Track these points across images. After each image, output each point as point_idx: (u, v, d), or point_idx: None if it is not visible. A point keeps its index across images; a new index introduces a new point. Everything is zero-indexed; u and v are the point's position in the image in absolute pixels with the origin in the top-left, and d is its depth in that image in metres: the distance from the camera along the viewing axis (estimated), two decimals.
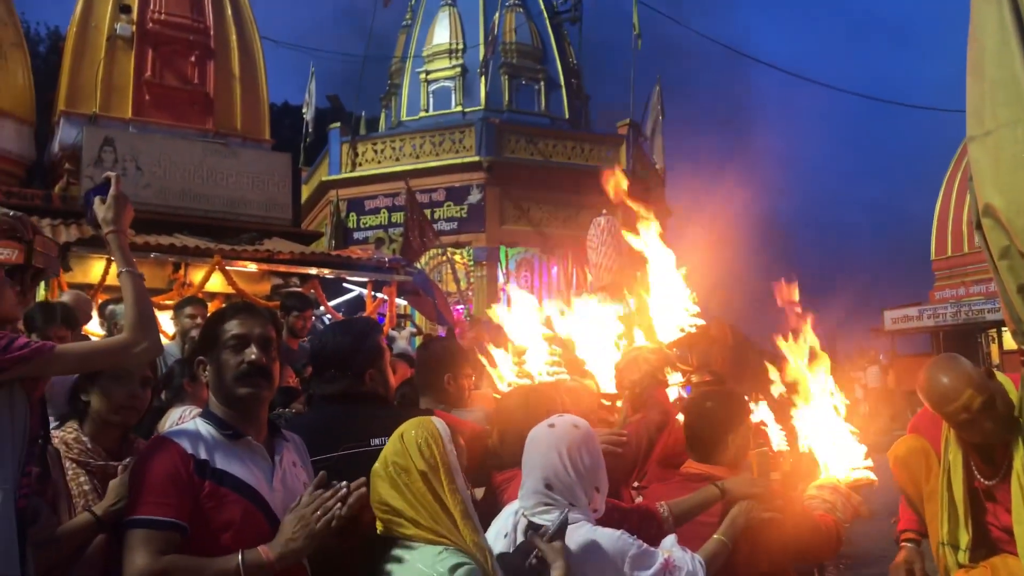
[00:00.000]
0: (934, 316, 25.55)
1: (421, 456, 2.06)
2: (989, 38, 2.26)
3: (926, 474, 2.85)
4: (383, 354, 2.65)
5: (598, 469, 2.36)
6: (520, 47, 22.72)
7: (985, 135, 2.24)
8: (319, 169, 22.65)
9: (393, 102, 23.94)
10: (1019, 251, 2.15)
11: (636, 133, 21.93)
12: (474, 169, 20.05)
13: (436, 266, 19.05)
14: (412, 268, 10.93)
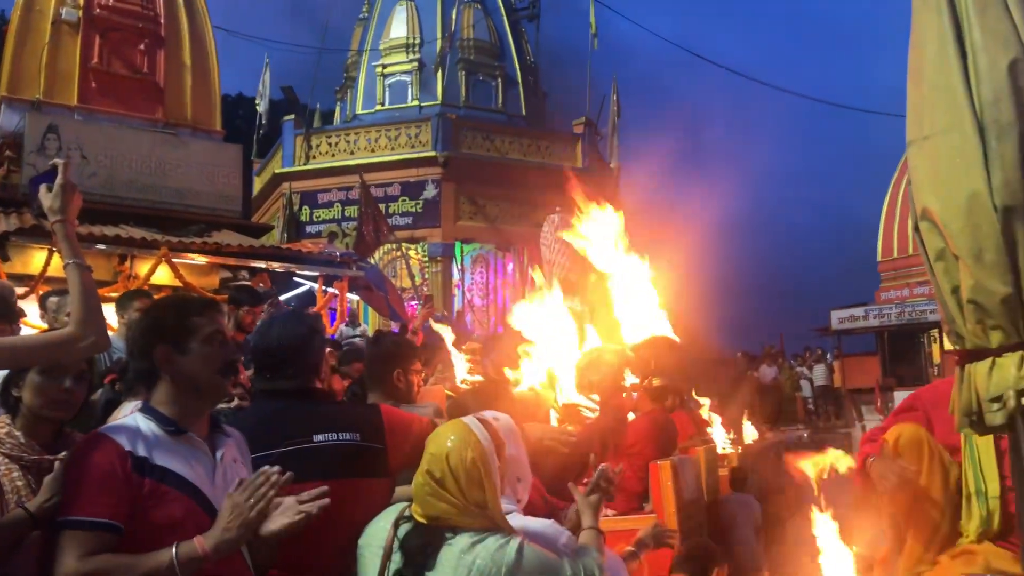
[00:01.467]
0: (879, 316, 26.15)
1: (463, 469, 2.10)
2: (929, 45, 2.31)
3: (917, 466, 2.81)
4: (325, 352, 2.63)
5: (519, 461, 2.40)
6: (477, 43, 22.68)
7: (924, 140, 2.29)
8: (272, 161, 22.37)
9: (348, 95, 23.73)
10: (954, 254, 2.20)
11: (592, 132, 22.05)
12: (430, 164, 19.97)
13: (390, 261, 18.95)
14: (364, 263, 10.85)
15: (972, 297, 2.17)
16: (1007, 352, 2.13)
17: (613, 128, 23.16)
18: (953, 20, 2.26)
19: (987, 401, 2.15)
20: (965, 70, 2.22)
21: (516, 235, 19.83)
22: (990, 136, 2.15)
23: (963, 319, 2.22)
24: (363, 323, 15.89)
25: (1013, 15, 2.22)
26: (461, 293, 19.93)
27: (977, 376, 2.19)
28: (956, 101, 2.21)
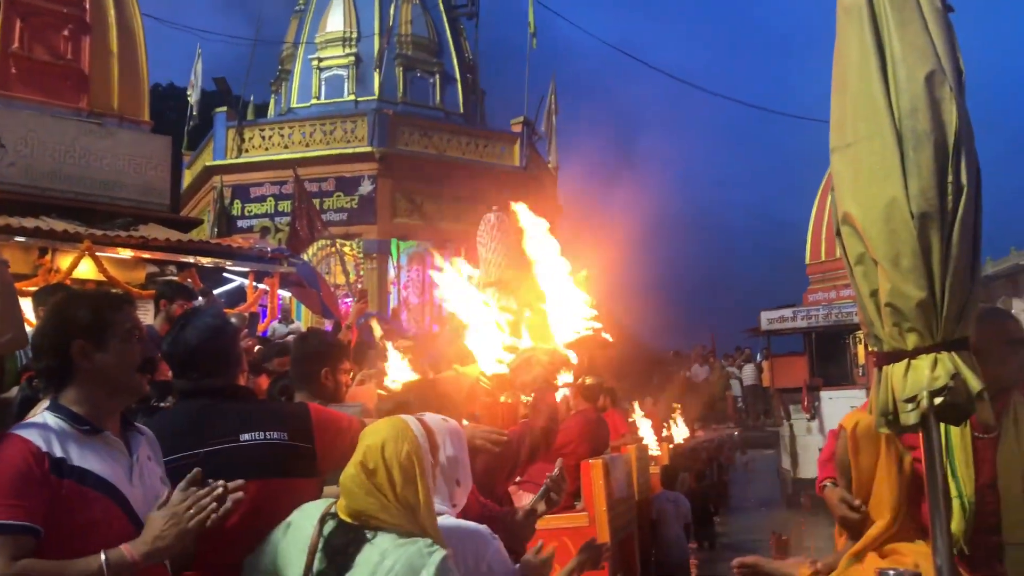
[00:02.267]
0: (807, 318, 26.82)
1: (396, 463, 2.02)
2: (852, 56, 2.38)
3: (874, 454, 2.85)
4: (241, 346, 2.59)
5: (461, 464, 2.38)
6: (416, 39, 22.54)
7: (846, 147, 2.35)
8: (203, 154, 21.87)
9: (283, 88, 23.34)
10: (873, 258, 2.27)
11: (530, 131, 22.12)
12: (366, 160, 19.77)
13: (324, 257, 18.70)
14: (296, 259, 10.68)
15: (889, 301, 2.23)
16: (921, 354, 2.21)
17: (551, 128, 23.28)
18: (875, 32, 2.33)
19: (902, 401, 2.22)
20: (885, 81, 2.29)
21: (454, 233, 19.77)
22: (907, 145, 2.22)
23: (881, 322, 2.29)
24: (296, 320, 15.65)
25: (931, 30, 2.31)
26: (397, 291, 19.79)
27: (893, 377, 2.25)
28: (876, 110, 2.27)
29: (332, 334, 9.39)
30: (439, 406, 2.57)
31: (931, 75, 2.25)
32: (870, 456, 2.83)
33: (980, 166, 2.31)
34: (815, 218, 26.21)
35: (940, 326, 2.21)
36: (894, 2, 2.33)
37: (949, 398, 2.17)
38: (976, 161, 2.29)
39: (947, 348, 2.20)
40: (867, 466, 2.83)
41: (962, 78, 2.33)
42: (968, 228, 2.23)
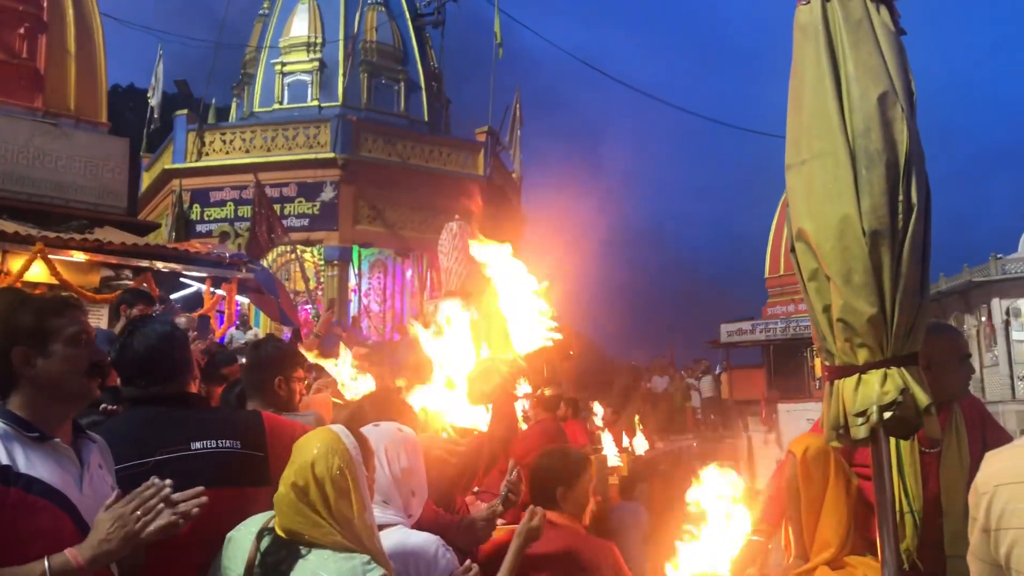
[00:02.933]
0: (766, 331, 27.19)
1: (329, 478, 1.96)
2: (808, 73, 2.41)
3: (823, 479, 2.88)
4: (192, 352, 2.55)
5: (415, 475, 2.36)
6: (381, 46, 22.46)
7: (801, 164, 2.39)
8: (162, 157, 21.54)
9: (246, 92, 23.10)
10: (826, 274, 2.30)
11: (494, 141, 22.14)
12: (328, 166, 19.62)
13: (284, 264, 18.52)
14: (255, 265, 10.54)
15: (841, 316, 2.27)
16: (872, 369, 2.24)
17: (515, 138, 23.33)
18: (830, 52, 2.37)
19: (853, 415, 2.25)
20: (839, 100, 2.33)
21: (416, 241, 19.70)
22: (860, 164, 2.27)
23: (833, 337, 2.32)
24: (255, 326, 15.46)
25: (883, 51, 2.35)
26: (358, 298, 19.65)
27: (844, 391, 2.29)
28: (831, 129, 2.31)
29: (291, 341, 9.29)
30: (395, 414, 2.55)
31: (884, 96, 2.30)
32: (820, 481, 2.88)
33: (931, 185, 2.36)
34: (774, 233, 26.60)
35: (890, 342, 2.25)
36: (849, 23, 2.37)
37: (898, 412, 2.21)
38: (926, 180, 2.34)
39: (897, 363, 2.24)
40: (816, 491, 2.88)
41: (913, 99, 2.38)
42: (918, 246, 2.28)
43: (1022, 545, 1.42)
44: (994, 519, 1.47)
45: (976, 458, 2.23)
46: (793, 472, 2.89)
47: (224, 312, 10.16)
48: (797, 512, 2.89)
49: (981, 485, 1.52)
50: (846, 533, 2.82)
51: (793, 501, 2.90)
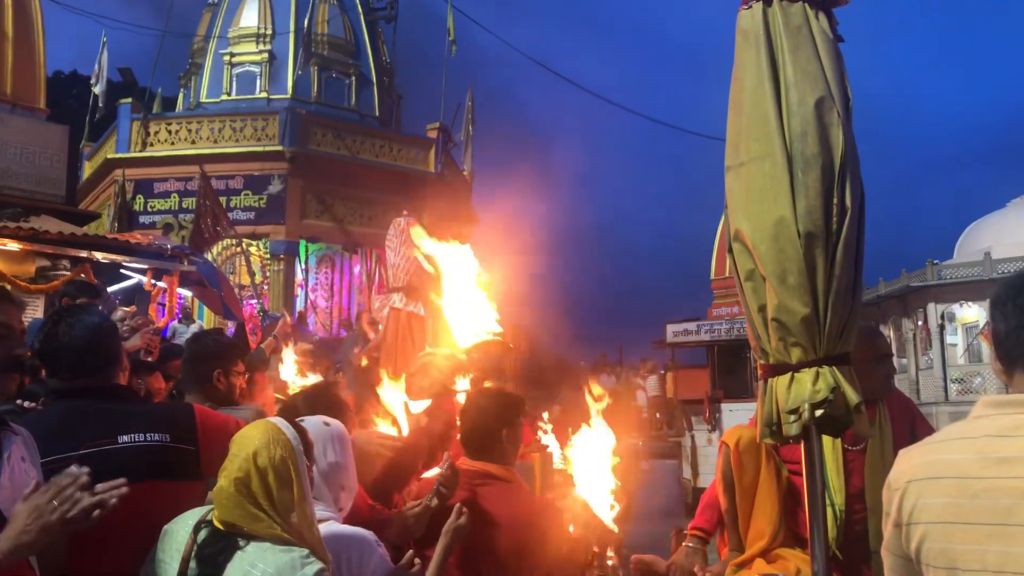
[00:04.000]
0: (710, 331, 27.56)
1: (271, 468, 1.93)
2: (748, 78, 2.45)
3: (756, 469, 2.92)
4: (122, 350, 2.49)
5: (345, 469, 2.35)
6: (332, 40, 22.23)
7: (739, 166, 2.43)
8: (105, 146, 21.02)
9: (193, 82, 22.67)
10: (762, 275, 2.35)
11: (446, 138, 22.06)
12: (276, 159, 19.35)
13: (230, 257, 18.22)
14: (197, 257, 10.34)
15: (776, 316, 2.31)
16: (804, 368, 2.29)
17: (467, 136, 23.28)
18: (770, 57, 2.42)
19: (786, 413, 2.30)
20: (778, 104, 2.38)
21: (364, 236, 19.53)
22: (797, 167, 2.31)
23: (768, 336, 2.37)
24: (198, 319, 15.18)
25: (822, 57, 2.40)
26: (304, 293, 19.42)
27: (778, 389, 2.33)
28: (769, 132, 2.35)
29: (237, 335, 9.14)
30: (326, 409, 2.53)
31: (821, 101, 2.35)
32: (752, 470, 2.93)
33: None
34: (720, 235, 27.00)
35: (823, 342, 2.30)
36: (789, 29, 2.42)
37: (829, 410, 2.26)
38: (860, 184, 2.39)
39: (829, 363, 2.29)
40: (750, 480, 2.93)
41: (849, 104, 2.44)
42: (851, 248, 2.33)
43: (931, 539, 1.46)
44: (905, 514, 1.51)
45: None
46: (727, 462, 2.94)
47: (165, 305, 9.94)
48: (732, 503, 2.94)
49: (894, 481, 1.56)
50: (779, 522, 2.88)
51: (727, 492, 2.96)
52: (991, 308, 1.55)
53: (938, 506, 1.45)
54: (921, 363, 26.93)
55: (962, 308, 25.97)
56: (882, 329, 27.97)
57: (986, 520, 1.37)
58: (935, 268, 26.20)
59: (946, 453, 1.49)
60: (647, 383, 25.70)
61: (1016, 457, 1.37)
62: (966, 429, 1.49)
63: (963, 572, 1.40)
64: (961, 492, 1.42)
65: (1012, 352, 1.49)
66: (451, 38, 21.67)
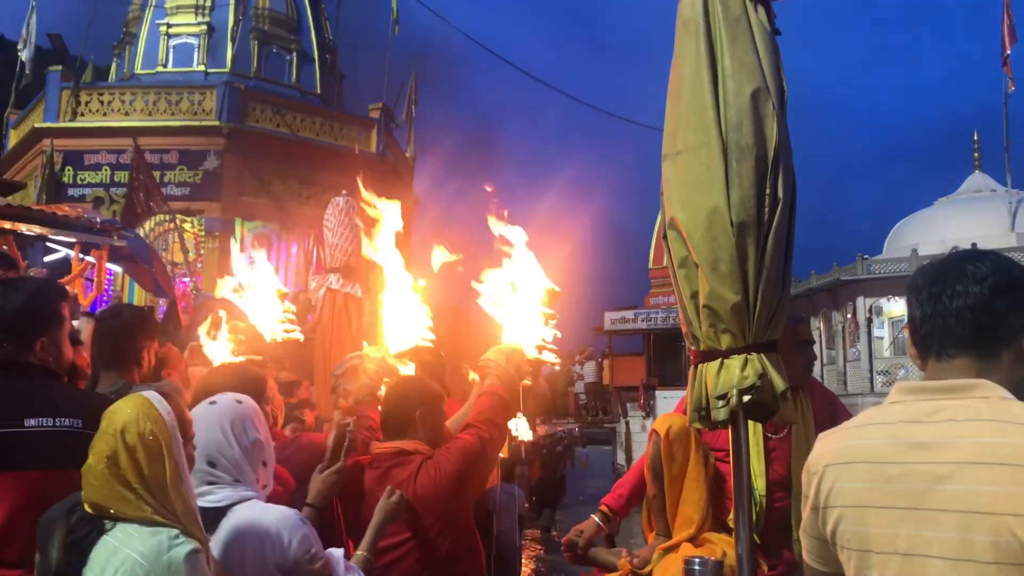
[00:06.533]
0: (647, 320, 27.97)
1: (140, 444, 1.83)
2: (686, 67, 2.47)
3: (685, 457, 2.97)
4: (61, 322, 2.35)
5: (264, 444, 2.33)
6: (274, 14, 21.76)
7: (676, 155, 2.45)
8: (32, 114, 20.22)
9: (127, 52, 21.94)
10: (695, 262, 2.38)
11: (388, 118, 21.82)
12: (213, 134, 18.87)
13: (163, 233, 17.72)
14: (128, 232, 10.04)
15: (707, 303, 2.35)
16: (734, 355, 2.33)
17: (411, 118, 23.06)
18: (708, 47, 2.44)
19: (714, 398, 2.34)
20: (715, 94, 2.40)
21: (302, 216, 19.20)
22: (732, 157, 2.34)
23: (699, 322, 2.40)
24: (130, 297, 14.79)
25: (759, 49, 2.43)
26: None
27: (708, 375, 2.37)
28: (705, 122, 2.38)
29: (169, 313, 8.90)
30: (242, 388, 2.49)
31: (757, 92, 2.38)
32: (681, 458, 2.99)
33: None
34: (659, 224, 27.38)
35: (752, 329, 2.34)
36: (728, 20, 2.44)
37: (756, 396, 2.30)
38: (792, 176, 2.43)
39: (757, 350, 2.34)
40: (679, 467, 2.99)
41: (784, 96, 2.48)
42: (782, 238, 2.37)
43: (846, 522, 1.50)
44: (822, 497, 1.55)
45: None
46: (656, 450, 2.99)
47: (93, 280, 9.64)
48: (660, 489, 2.99)
49: (812, 465, 1.60)
50: (706, 509, 2.94)
51: (656, 479, 3.00)
52: (907, 294, 1.59)
53: (854, 490, 1.49)
54: (849, 355, 27.76)
55: (889, 302, 26.85)
56: (813, 321, 28.74)
57: (899, 504, 1.42)
58: (865, 263, 27.00)
59: (863, 438, 1.52)
60: (584, 370, 25.94)
61: (930, 443, 1.41)
62: (883, 414, 1.53)
63: (876, 554, 1.44)
64: (876, 476, 1.46)
65: (926, 339, 1.54)
66: (394, 17, 21.41)
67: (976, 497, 1.33)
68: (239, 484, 2.22)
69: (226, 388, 2.49)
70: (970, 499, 1.33)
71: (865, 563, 1.46)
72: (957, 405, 1.43)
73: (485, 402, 2.87)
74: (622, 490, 3.32)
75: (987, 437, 1.36)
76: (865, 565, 1.46)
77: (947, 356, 1.49)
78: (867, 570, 1.45)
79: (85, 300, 9.27)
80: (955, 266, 1.53)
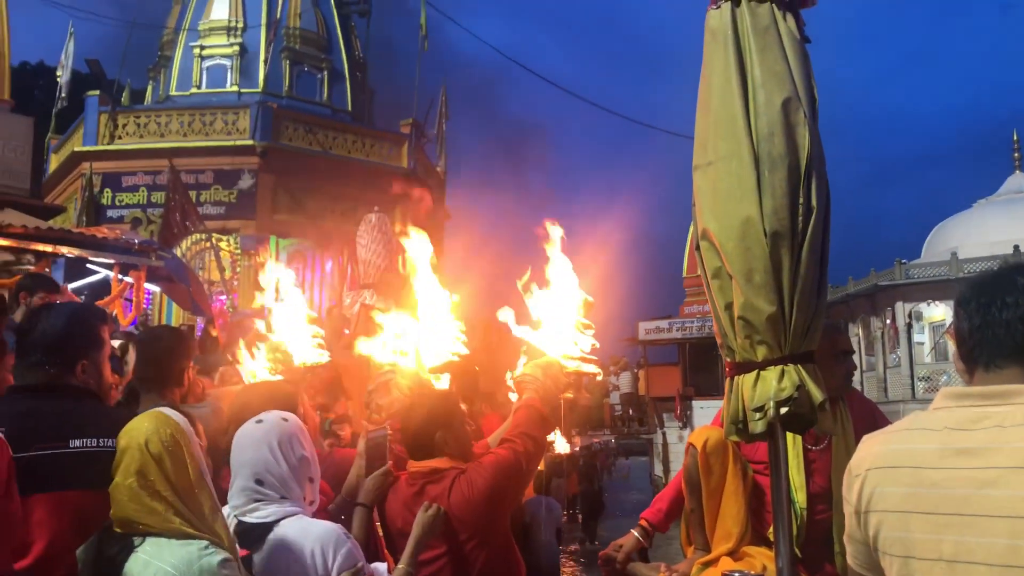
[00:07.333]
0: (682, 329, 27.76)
1: (165, 452, 1.89)
2: (716, 77, 2.46)
3: (723, 470, 2.93)
4: (102, 345, 2.39)
5: (311, 460, 2.35)
6: (304, 33, 22.06)
7: (707, 165, 2.43)
8: (72, 138, 20.69)
9: (162, 75, 22.38)
10: (728, 273, 2.36)
11: (419, 133, 21.98)
12: (247, 153, 19.16)
13: (199, 252, 18.01)
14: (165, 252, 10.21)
15: (742, 314, 2.32)
16: (770, 366, 2.30)
17: (441, 132, 23.22)
18: (738, 57, 2.42)
19: (751, 410, 2.31)
20: (746, 104, 2.38)
21: (336, 232, 19.38)
22: (763, 166, 2.32)
23: (734, 334, 2.38)
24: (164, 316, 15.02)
25: (789, 58, 2.42)
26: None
27: (744, 387, 2.34)
28: (736, 132, 2.36)
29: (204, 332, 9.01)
30: (274, 406, 2.51)
31: (787, 101, 2.36)
32: (719, 471, 2.94)
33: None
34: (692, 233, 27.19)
35: (788, 340, 2.31)
36: (756, 29, 2.43)
37: (794, 408, 2.27)
38: (826, 184, 2.41)
39: (793, 361, 2.31)
40: (716, 481, 2.94)
41: (815, 105, 2.45)
42: (816, 247, 2.35)
43: (888, 527, 1.48)
44: (864, 502, 1.53)
45: None
46: (693, 463, 2.95)
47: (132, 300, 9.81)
48: (698, 503, 2.95)
49: (855, 468, 1.58)
50: (745, 523, 2.90)
51: (693, 493, 2.97)
52: (955, 307, 1.57)
53: (896, 495, 1.47)
54: (889, 361, 27.32)
55: (929, 307, 26.40)
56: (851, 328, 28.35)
57: (942, 510, 1.39)
58: (903, 267, 26.59)
59: (906, 443, 1.50)
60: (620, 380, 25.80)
61: (974, 448, 1.39)
62: (927, 420, 1.50)
63: (918, 560, 1.42)
64: (919, 482, 1.43)
65: (974, 351, 1.51)
66: (423, 33, 21.59)
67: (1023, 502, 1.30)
68: (286, 500, 2.25)
69: (258, 406, 2.51)
70: (1018, 504, 1.30)
71: (908, 570, 1.43)
72: (1005, 412, 1.40)
73: (521, 415, 2.86)
74: (661, 504, 3.29)
75: None
76: (908, 572, 1.43)
77: (996, 367, 1.47)
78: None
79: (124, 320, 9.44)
80: (1005, 278, 1.50)
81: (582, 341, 3.08)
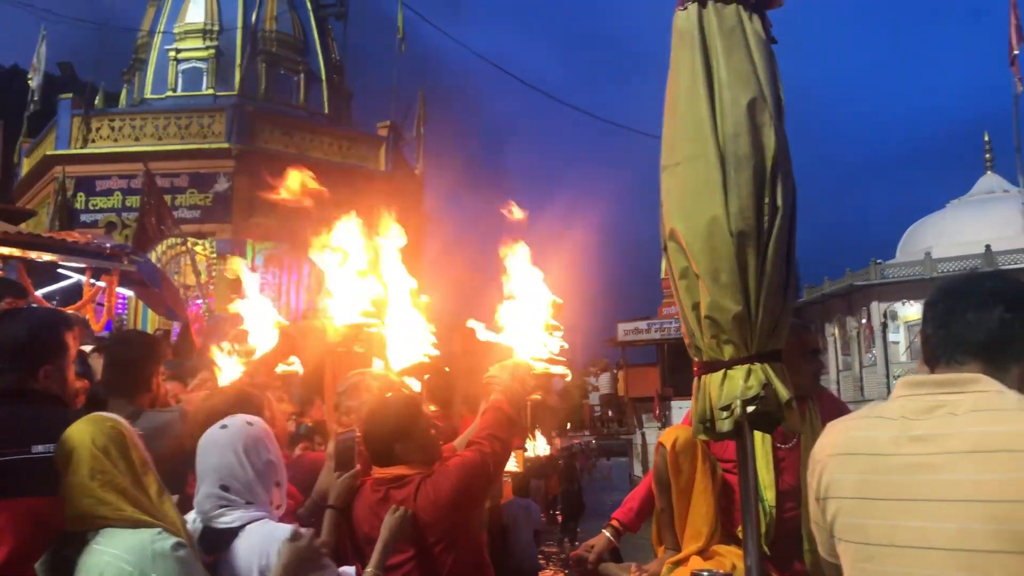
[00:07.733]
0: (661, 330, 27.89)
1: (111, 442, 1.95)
2: (683, 78, 2.47)
3: (692, 469, 2.94)
4: (65, 350, 2.37)
5: (277, 464, 2.33)
6: (281, 36, 21.95)
7: (675, 166, 2.44)
8: (44, 142, 20.45)
9: (137, 78, 22.19)
10: (695, 273, 2.37)
11: (396, 136, 21.92)
12: (222, 156, 19.02)
13: (175, 256, 17.85)
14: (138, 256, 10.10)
15: (709, 314, 2.33)
16: (736, 365, 2.31)
17: (419, 134, 23.17)
18: (704, 58, 2.43)
19: (718, 409, 2.32)
20: (712, 104, 2.39)
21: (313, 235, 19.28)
22: (729, 167, 2.33)
23: (701, 333, 2.39)
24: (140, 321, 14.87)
25: (754, 58, 2.43)
26: None
27: (711, 386, 2.35)
28: (703, 132, 2.37)
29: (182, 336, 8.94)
30: (248, 410, 2.50)
31: (753, 101, 2.37)
32: (688, 470, 2.96)
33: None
34: None
35: (754, 339, 2.32)
36: (723, 30, 2.44)
37: (761, 407, 2.28)
38: (792, 184, 2.42)
39: (760, 360, 2.32)
40: (686, 480, 2.96)
41: (782, 105, 2.47)
42: (782, 247, 2.36)
43: (844, 513, 1.49)
44: (823, 488, 1.55)
45: None
46: (663, 463, 2.96)
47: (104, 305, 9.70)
48: (668, 503, 2.96)
49: (817, 454, 1.60)
50: (715, 522, 2.91)
51: (663, 492, 2.98)
52: (924, 311, 1.61)
53: (851, 482, 1.49)
54: (865, 360, 27.59)
55: (904, 306, 26.69)
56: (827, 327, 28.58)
57: (897, 496, 1.41)
58: (878, 267, 26.87)
59: (864, 430, 1.53)
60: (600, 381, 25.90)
61: (926, 435, 1.41)
62: (885, 408, 1.53)
63: (874, 547, 1.43)
64: (874, 469, 1.46)
65: (936, 349, 1.54)
66: (400, 36, 21.56)
67: (975, 486, 1.32)
68: (251, 505, 2.23)
69: (224, 410, 2.49)
70: (968, 488, 1.33)
71: (863, 555, 1.45)
72: (957, 399, 1.43)
73: (488, 417, 2.86)
74: (632, 504, 3.31)
75: (984, 427, 1.36)
76: (863, 557, 1.45)
77: (956, 362, 1.50)
78: (865, 563, 1.44)
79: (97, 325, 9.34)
80: (973, 282, 1.55)
81: (550, 342, 3.09)
